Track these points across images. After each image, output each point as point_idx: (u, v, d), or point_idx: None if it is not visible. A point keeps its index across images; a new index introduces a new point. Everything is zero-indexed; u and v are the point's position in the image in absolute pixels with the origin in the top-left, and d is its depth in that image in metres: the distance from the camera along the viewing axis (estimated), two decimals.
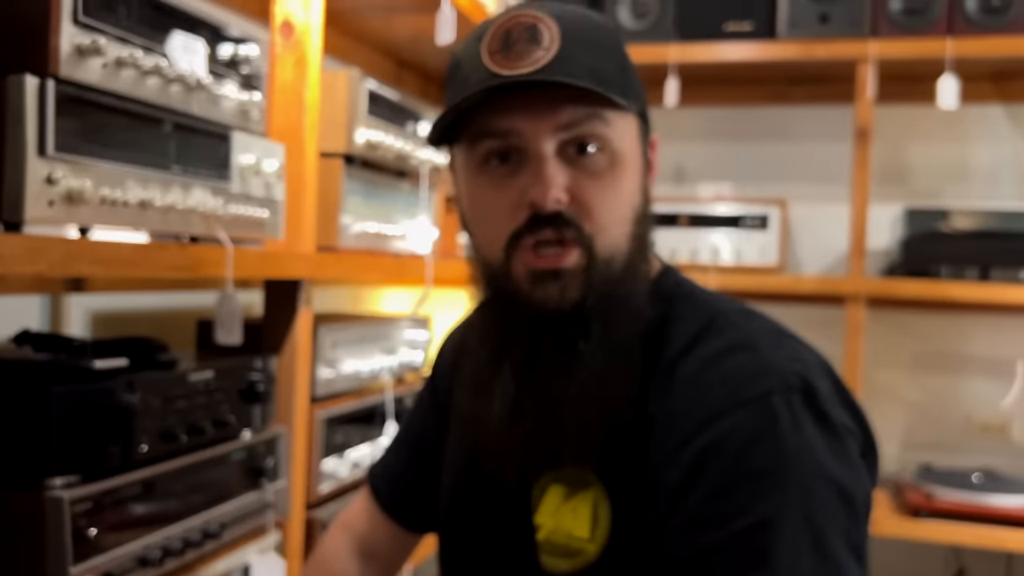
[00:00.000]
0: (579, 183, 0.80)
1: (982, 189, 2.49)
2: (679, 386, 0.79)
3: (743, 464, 0.73)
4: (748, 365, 0.78)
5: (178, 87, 1.04)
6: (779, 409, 0.74)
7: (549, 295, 0.79)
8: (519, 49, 0.77)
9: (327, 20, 2.03)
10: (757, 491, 0.72)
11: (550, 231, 0.79)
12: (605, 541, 0.79)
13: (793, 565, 0.70)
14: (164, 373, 1.05)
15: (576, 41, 0.79)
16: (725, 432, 0.74)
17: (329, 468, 1.48)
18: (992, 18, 2.15)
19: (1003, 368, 2.45)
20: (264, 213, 1.20)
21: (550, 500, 0.83)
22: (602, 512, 0.80)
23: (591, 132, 0.80)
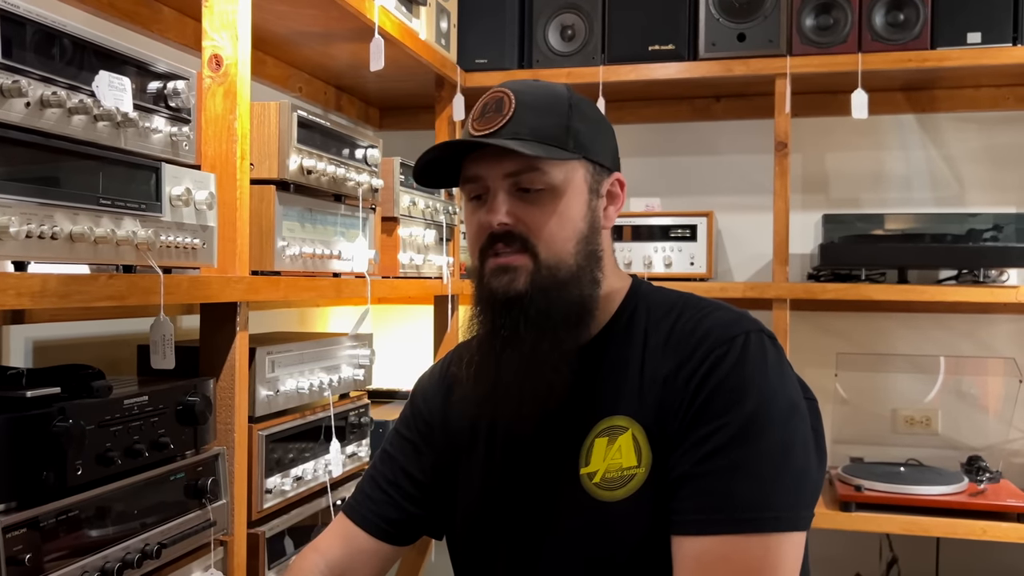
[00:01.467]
0: (524, 211, 1.06)
1: (898, 194, 2.61)
2: (675, 340, 1.05)
3: (739, 372, 1.00)
4: (727, 316, 1.07)
5: (105, 123, 1.09)
6: (764, 341, 1.03)
7: (501, 283, 1.06)
8: (488, 116, 1.08)
9: (264, 49, 2.09)
10: (751, 388, 0.99)
11: (501, 244, 1.07)
12: (651, 462, 1.02)
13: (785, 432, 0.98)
14: (98, 399, 1.09)
15: (527, 109, 1.07)
16: (722, 356, 1.01)
17: (273, 485, 1.52)
18: (898, 33, 2.27)
19: (925, 364, 2.57)
20: (197, 241, 1.25)
21: (597, 451, 1.05)
22: (642, 443, 1.03)
23: (529, 178, 1.06)
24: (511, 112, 1.06)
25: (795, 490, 0.97)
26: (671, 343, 1.06)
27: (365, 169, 1.75)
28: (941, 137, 2.59)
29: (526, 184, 1.07)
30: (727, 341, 1.02)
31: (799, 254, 2.61)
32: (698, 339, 1.04)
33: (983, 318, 2.54)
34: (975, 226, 2.36)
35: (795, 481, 0.97)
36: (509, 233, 1.06)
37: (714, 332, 1.04)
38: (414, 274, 2.08)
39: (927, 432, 2.57)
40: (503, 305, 1.06)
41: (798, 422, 1.01)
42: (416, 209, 2.07)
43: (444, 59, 2.30)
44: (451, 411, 1.21)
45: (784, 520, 0.95)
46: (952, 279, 2.42)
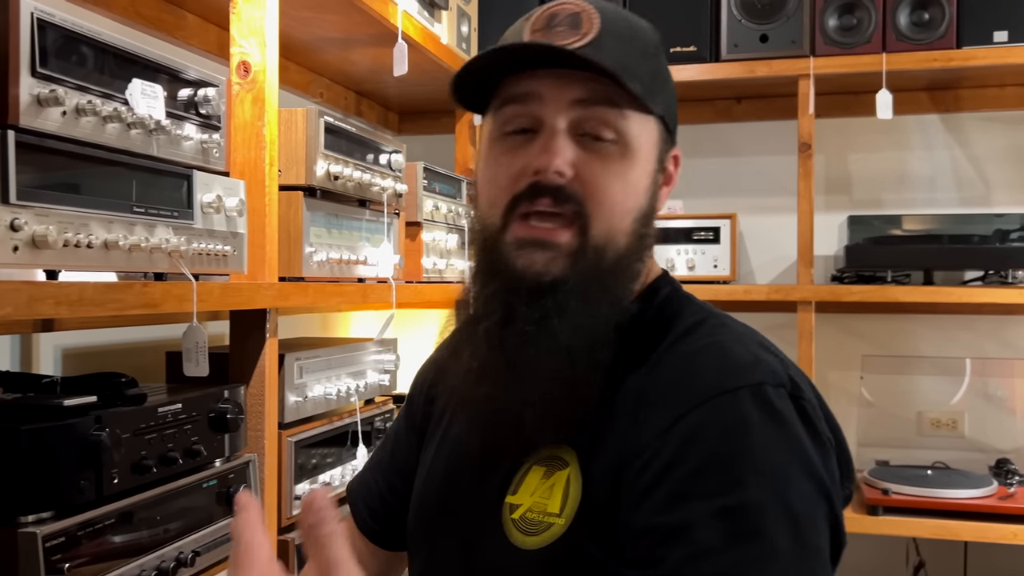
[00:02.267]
0: (588, 164, 0.81)
1: (922, 195, 2.59)
2: (670, 368, 0.80)
3: (734, 444, 0.73)
4: (743, 357, 0.80)
5: (138, 131, 1.09)
6: (772, 398, 0.76)
7: (533, 261, 0.81)
8: (559, 31, 0.82)
9: (287, 55, 2.09)
10: (745, 471, 0.72)
11: (548, 200, 0.81)
12: (573, 515, 0.79)
13: (774, 546, 0.70)
14: (133, 407, 1.09)
15: (614, 36, 0.82)
16: (719, 412, 0.75)
17: (302, 491, 1.52)
18: (923, 33, 2.25)
19: (951, 366, 2.55)
20: (227, 248, 1.25)
21: (530, 481, 0.83)
22: (573, 487, 0.80)
23: (605, 117, 0.82)
24: (594, 33, 0.81)
25: None
26: (667, 365, 0.81)
27: (389, 174, 1.75)
28: (966, 137, 2.56)
29: (594, 127, 0.82)
30: (734, 389, 0.76)
31: (822, 256, 2.59)
32: (699, 372, 0.79)
33: (1010, 319, 2.51)
34: (1002, 226, 2.34)
35: None
36: (562, 190, 0.80)
37: (723, 371, 0.78)
38: (437, 279, 2.07)
39: (953, 435, 2.55)
40: (531, 291, 0.81)
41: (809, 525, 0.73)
42: (439, 213, 2.06)
43: None
44: (438, 392, 1.02)
45: None
46: (978, 280, 2.40)
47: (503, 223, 0.83)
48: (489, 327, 0.82)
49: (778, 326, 2.31)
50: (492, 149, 0.87)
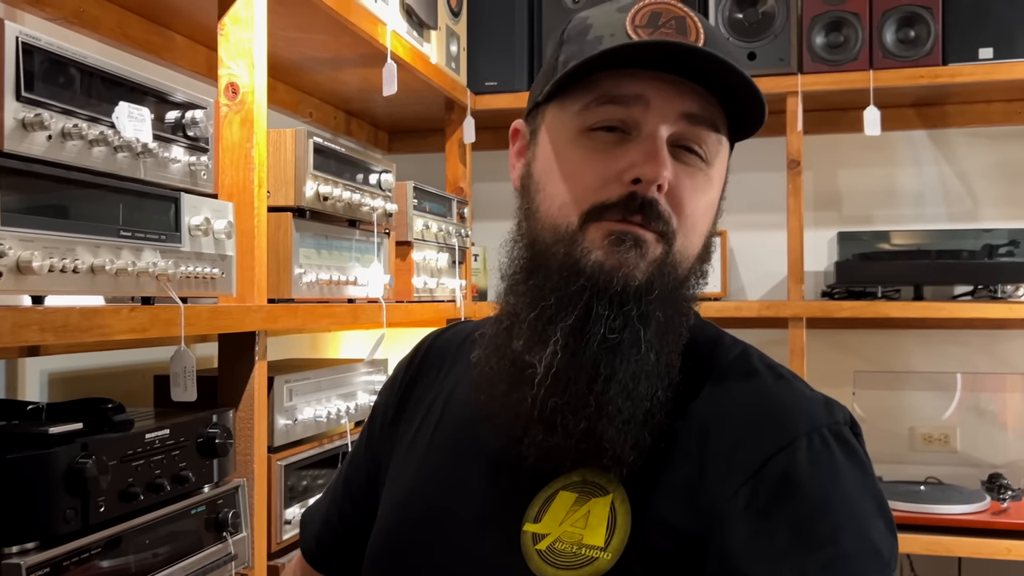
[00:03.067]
0: (679, 179, 0.77)
1: (911, 210, 2.60)
2: (736, 403, 0.77)
3: (827, 487, 0.71)
4: (814, 396, 0.77)
5: (125, 154, 1.08)
6: (848, 438, 0.75)
7: (626, 260, 0.74)
8: (666, 32, 0.76)
9: (276, 75, 2.09)
10: (842, 517, 0.70)
11: (640, 216, 0.75)
12: (622, 549, 0.73)
13: None
14: (119, 434, 1.07)
15: (717, 47, 0.76)
16: (808, 454, 0.72)
17: (292, 515, 1.50)
18: (909, 50, 2.27)
19: (943, 381, 2.55)
20: (216, 270, 1.24)
21: (558, 507, 0.76)
22: (621, 518, 0.74)
23: (704, 137, 0.78)
24: (702, 38, 0.76)
25: None
26: (717, 409, 0.77)
27: (379, 194, 1.75)
28: (953, 153, 2.58)
29: (695, 141, 0.77)
30: (816, 428, 0.73)
31: (812, 272, 2.59)
32: (773, 409, 0.76)
33: (1000, 334, 2.52)
34: (990, 241, 2.35)
35: None
36: (656, 205, 0.75)
37: (799, 408, 0.75)
38: (428, 298, 2.06)
39: (946, 450, 2.55)
40: (619, 295, 0.74)
41: (893, 555, 0.73)
42: (429, 232, 2.06)
43: (454, 82, 2.30)
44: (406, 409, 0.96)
45: None
46: (968, 295, 2.41)
47: (581, 223, 0.76)
48: (567, 331, 0.74)
49: (769, 343, 2.30)
50: (572, 144, 0.78)
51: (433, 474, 0.87)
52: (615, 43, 0.75)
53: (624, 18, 0.77)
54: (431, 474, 0.87)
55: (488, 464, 0.81)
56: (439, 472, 0.86)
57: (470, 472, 0.83)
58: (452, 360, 0.97)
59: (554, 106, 0.81)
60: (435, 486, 0.86)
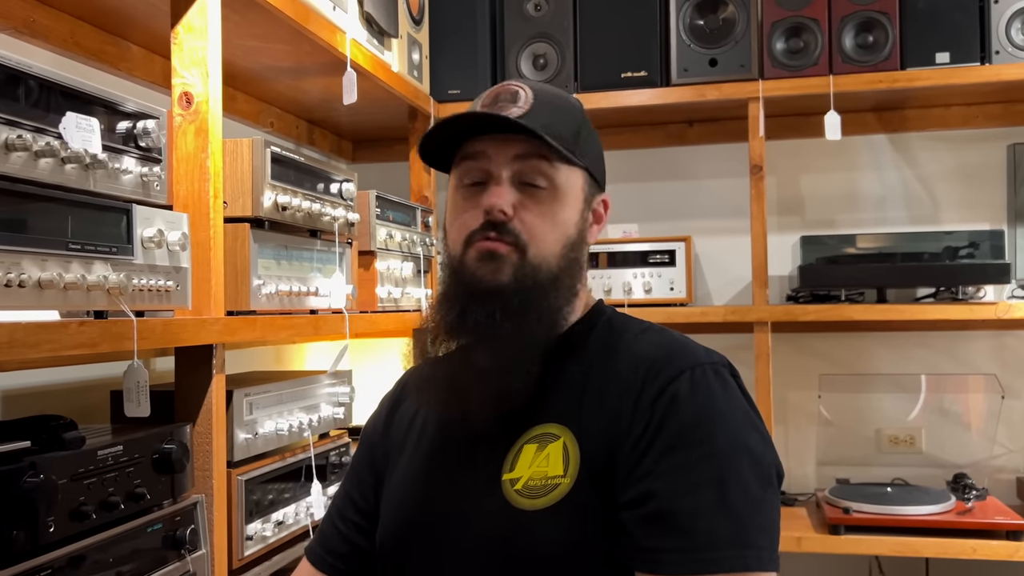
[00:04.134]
0: (525, 206, 1.03)
1: (873, 214, 2.62)
2: (642, 357, 1.01)
3: (703, 405, 0.95)
4: (692, 345, 1.04)
5: (73, 166, 1.06)
6: (724, 375, 1.00)
7: (486, 271, 1.02)
8: (501, 105, 1.04)
9: (235, 84, 2.07)
10: (713, 429, 0.94)
11: (494, 233, 1.02)
12: (577, 473, 0.97)
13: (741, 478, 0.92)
14: (70, 452, 1.05)
15: (543, 106, 1.04)
16: (693, 383, 0.96)
17: (254, 531, 1.48)
18: (868, 55, 2.29)
19: (907, 383, 2.57)
20: (171, 283, 1.21)
21: (525, 456, 1.00)
22: (572, 452, 0.98)
23: (538, 167, 1.03)
24: (528, 106, 1.03)
25: (769, 529, 0.93)
26: (630, 355, 1.02)
27: (341, 203, 1.73)
28: (914, 156, 2.61)
29: (530, 176, 1.03)
30: (697, 364, 0.98)
31: (777, 276, 2.61)
32: (659, 356, 1.00)
33: (962, 335, 2.55)
34: (951, 243, 2.38)
35: (768, 520, 0.93)
36: (504, 225, 1.02)
37: (682, 353, 1.00)
38: (392, 308, 2.05)
39: (912, 451, 2.57)
40: (483, 293, 1.02)
41: (770, 459, 0.97)
42: (393, 242, 2.04)
43: (417, 91, 2.29)
44: (393, 421, 1.18)
45: (765, 560, 0.90)
46: (930, 297, 2.43)
47: (463, 248, 1.04)
48: (450, 321, 1.04)
49: (735, 347, 2.31)
50: (455, 197, 1.08)
51: (422, 468, 1.09)
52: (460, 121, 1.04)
53: (475, 103, 1.08)
54: (421, 469, 1.09)
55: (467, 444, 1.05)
56: (427, 466, 1.09)
57: (453, 454, 1.07)
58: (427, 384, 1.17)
59: (452, 171, 1.11)
60: (424, 478, 1.08)
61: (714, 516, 0.89)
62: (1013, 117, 2.52)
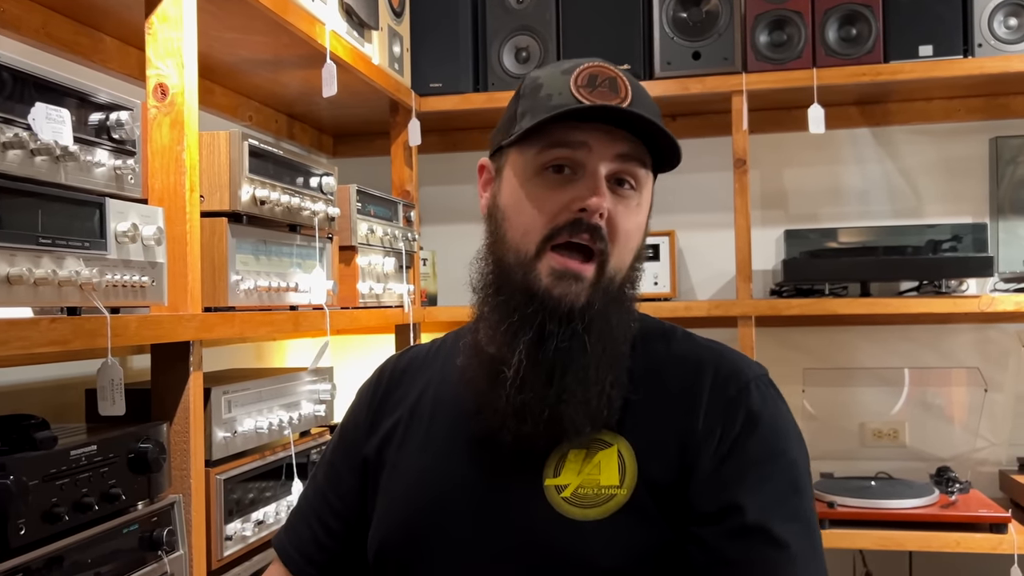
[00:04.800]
0: (615, 208, 0.96)
1: (856, 208, 2.62)
2: (687, 364, 0.99)
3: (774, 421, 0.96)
4: (737, 352, 1.03)
5: (43, 158, 1.03)
6: (774, 385, 1.01)
7: (568, 292, 0.94)
8: (602, 91, 0.95)
9: (213, 77, 2.03)
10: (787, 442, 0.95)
11: (587, 236, 0.94)
12: (634, 484, 0.93)
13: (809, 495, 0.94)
14: (42, 452, 1.02)
15: (641, 103, 0.96)
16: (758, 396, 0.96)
17: (234, 531, 1.45)
18: (851, 47, 2.28)
19: (891, 377, 2.57)
20: (146, 278, 1.19)
21: (572, 462, 0.95)
22: (628, 462, 0.94)
23: (634, 171, 0.97)
24: (630, 97, 0.95)
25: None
26: (679, 372, 0.99)
27: (321, 198, 1.70)
28: (896, 150, 2.61)
29: (627, 174, 0.97)
30: (757, 378, 0.98)
31: (761, 270, 2.60)
32: (725, 374, 0.98)
33: (945, 328, 2.55)
34: (934, 237, 2.38)
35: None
36: (599, 230, 0.94)
37: (738, 368, 0.98)
38: (374, 303, 2.02)
39: (895, 445, 2.57)
40: (565, 315, 0.94)
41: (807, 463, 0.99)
42: (374, 237, 2.02)
43: (398, 84, 2.26)
44: (383, 413, 1.10)
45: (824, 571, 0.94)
46: (913, 291, 2.43)
47: (537, 251, 0.95)
48: (528, 343, 0.95)
49: (720, 341, 2.30)
50: (531, 182, 0.97)
51: (436, 465, 1.02)
52: (563, 101, 0.95)
53: (568, 80, 0.96)
54: (434, 465, 1.02)
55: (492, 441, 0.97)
56: (442, 463, 1.02)
57: (475, 451, 1.00)
58: (421, 372, 1.12)
59: (515, 150, 1.00)
60: (440, 475, 1.01)
61: (798, 528, 0.90)
62: (995, 110, 2.53)
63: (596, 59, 0.99)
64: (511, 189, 1.00)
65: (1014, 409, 2.53)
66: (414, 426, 1.07)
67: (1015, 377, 2.53)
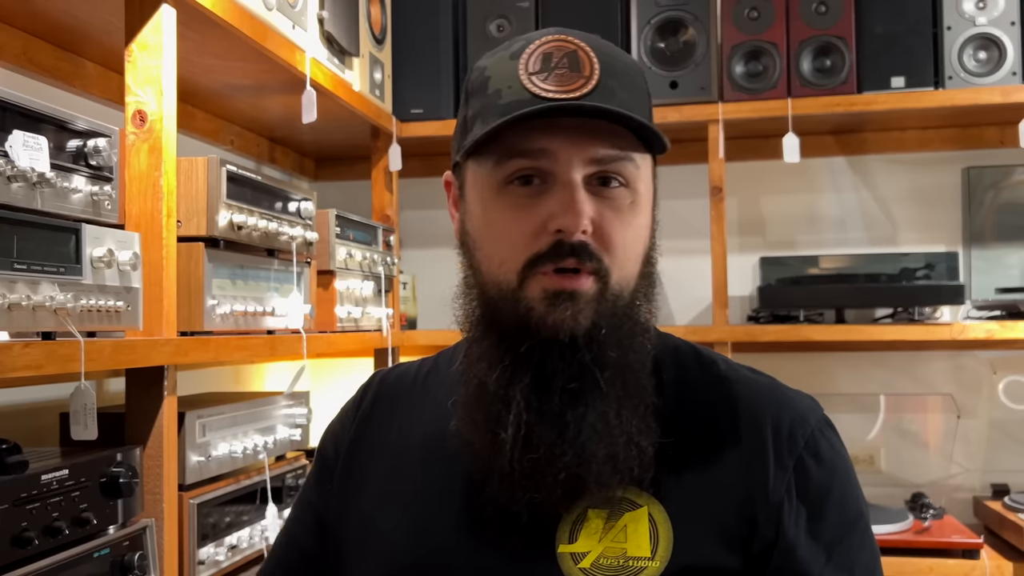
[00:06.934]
0: (603, 215, 0.78)
1: (832, 235, 2.65)
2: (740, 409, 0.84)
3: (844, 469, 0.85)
4: (793, 391, 0.89)
5: (19, 184, 1.04)
6: (833, 424, 0.89)
7: (564, 317, 0.77)
8: (560, 73, 0.76)
9: (193, 102, 2.05)
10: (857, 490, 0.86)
11: (573, 260, 0.77)
12: (669, 556, 0.78)
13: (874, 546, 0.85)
14: (12, 476, 1.02)
15: (614, 76, 0.78)
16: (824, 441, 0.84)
17: (207, 555, 1.45)
18: (826, 78, 2.33)
19: (866, 403, 2.60)
20: (121, 303, 1.19)
21: (591, 525, 0.79)
22: (662, 530, 0.79)
23: (619, 168, 0.79)
24: (597, 76, 0.77)
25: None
26: (730, 419, 0.83)
27: (299, 222, 1.72)
28: (872, 179, 2.65)
29: (611, 172, 0.79)
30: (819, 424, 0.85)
31: (738, 296, 2.62)
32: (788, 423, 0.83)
33: (920, 355, 2.58)
34: (908, 265, 2.41)
35: None
36: (586, 248, 0.77)
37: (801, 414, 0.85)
38: (352, 328, 2.03)
39: (871, 470, 2.59)
40: (568, 346, 0.77)
41: None
42: (353, 261, 2.03)
43: (379, 110, 2.29)
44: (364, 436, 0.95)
45: None
46: (888, 318, 2.46)
47: (520, 279, 0.79)
48: (525, 391, 0.78)
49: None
50: (495, 202, 0.81)
51: (424, 525, 0.86)
52: (513, 96, 0.78)
53: (517, 66, 0.79)
54: (422, 526, 0.86)
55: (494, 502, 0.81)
56: (432, 524, 0.85)
57: (472, 502, 0.83)
58: (409, 401, 0.96)
59: (472, 162, 0.84)
60: (429, 537, 0.85)
61: None
62: (968, 140, 2.57)
63: (554, 29, 0.81)
64: (477, 211, 0.83)
65: (987, 436, 2.56)
66: (400, 472, 0.90)
67: (988, 404, 2.56)
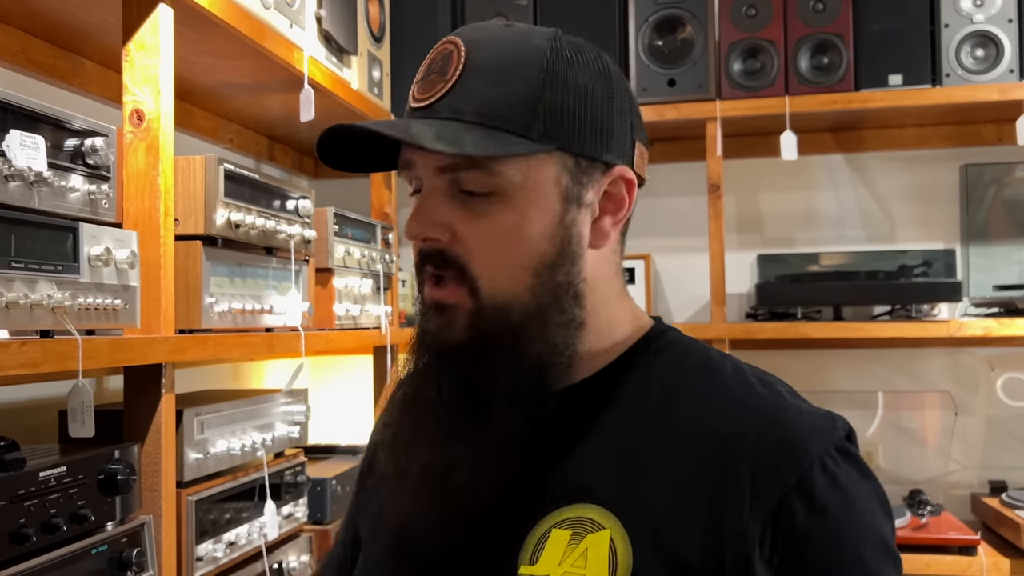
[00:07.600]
0: (466, 223, 0.76)
1: (830, 233, 2.66)
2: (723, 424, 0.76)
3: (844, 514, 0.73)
4: (807, 409, 0.78)
5: (17, 183, 1.04)
6: (853, 452, 0.78)
7: (436, 325, 0.77)
8: (431, 79, 0.77)
9: (192, 100, 2.06)
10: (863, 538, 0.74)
11: (430, 267, 0.77)
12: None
13: None
14: (10, 473, 1.03)
15: (479, 72, 0.75)
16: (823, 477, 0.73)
17: (205, 552, 1.46)
18: (823, 76, 2.33)
19: (864, 400, 2.60)
20: (119, 301, 1.20)
21: (553, 546, 0.74)
22: (622, 554, 0.72)
23: (470, 177, 0.75)
24: (456, 76, 0.75)
25: None
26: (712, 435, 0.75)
27: (297, 220, 1.72)
28: (870, 176, 2.65)
29: (468, 185, 0.76)
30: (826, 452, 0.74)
31: (736, 294, 2.63)
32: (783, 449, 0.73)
33: (917, 352, 2.58)
34: (906, 262, 2.42)
35: None
36: (440, 253, 0.76)
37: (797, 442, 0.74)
38: (351, 325, 2.04)
39: (869, 467, 2.59)
40: (437, 356, 0.78)
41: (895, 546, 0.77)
42: (351, 259, 2.04)
43: (377, 108, 2.29)
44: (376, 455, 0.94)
45: None
46: (886, 315, 2.47)
47: (420, 285, 0.80)
48: (407, 393, 0.81)
49: None
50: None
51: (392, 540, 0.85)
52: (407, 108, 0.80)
53: (416, 76, 0.80)
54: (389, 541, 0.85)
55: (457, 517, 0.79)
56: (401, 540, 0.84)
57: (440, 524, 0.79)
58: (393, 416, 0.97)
59: None
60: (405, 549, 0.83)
61: None
62: (965, 138, 2.58)
63: (456, 34, 0.78)
64: None
65: (984, 433, 2.57)
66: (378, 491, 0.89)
67: (985, 401, 2.57)
